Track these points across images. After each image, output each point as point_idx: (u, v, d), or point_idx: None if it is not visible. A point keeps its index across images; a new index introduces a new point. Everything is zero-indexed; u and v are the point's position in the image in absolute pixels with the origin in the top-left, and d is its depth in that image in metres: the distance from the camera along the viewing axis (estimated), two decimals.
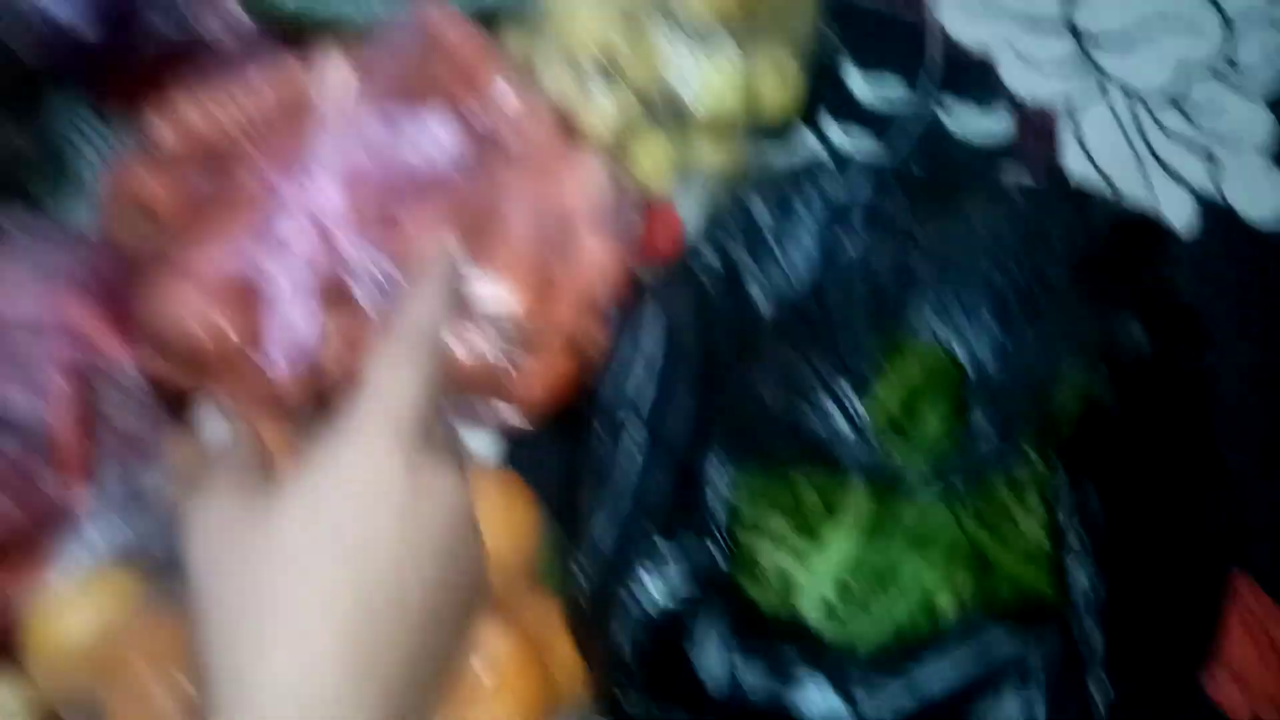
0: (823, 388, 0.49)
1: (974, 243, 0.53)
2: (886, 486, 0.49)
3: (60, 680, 0.59)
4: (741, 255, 0.57)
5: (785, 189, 0.57)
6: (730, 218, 0.57)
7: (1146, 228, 0.53)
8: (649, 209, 0.79)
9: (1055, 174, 0.58)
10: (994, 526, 0.57)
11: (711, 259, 0.57)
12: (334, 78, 0.63)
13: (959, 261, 0.53)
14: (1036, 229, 0.52)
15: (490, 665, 0.56)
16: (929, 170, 0.59)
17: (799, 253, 0.57)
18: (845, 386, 0.49)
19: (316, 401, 0.68)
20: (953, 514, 0.56)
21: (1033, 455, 0.48)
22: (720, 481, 0.52)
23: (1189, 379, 0.49)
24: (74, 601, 0.59)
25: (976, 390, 0.50)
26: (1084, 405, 0.49)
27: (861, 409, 0.49)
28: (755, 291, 0.57)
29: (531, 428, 0.71)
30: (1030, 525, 0.57)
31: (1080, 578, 0.51)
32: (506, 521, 0.63)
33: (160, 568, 0.61)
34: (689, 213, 0.80)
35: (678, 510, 0.53)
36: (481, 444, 0.71)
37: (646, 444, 0.55)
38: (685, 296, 0.56)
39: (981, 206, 0.53)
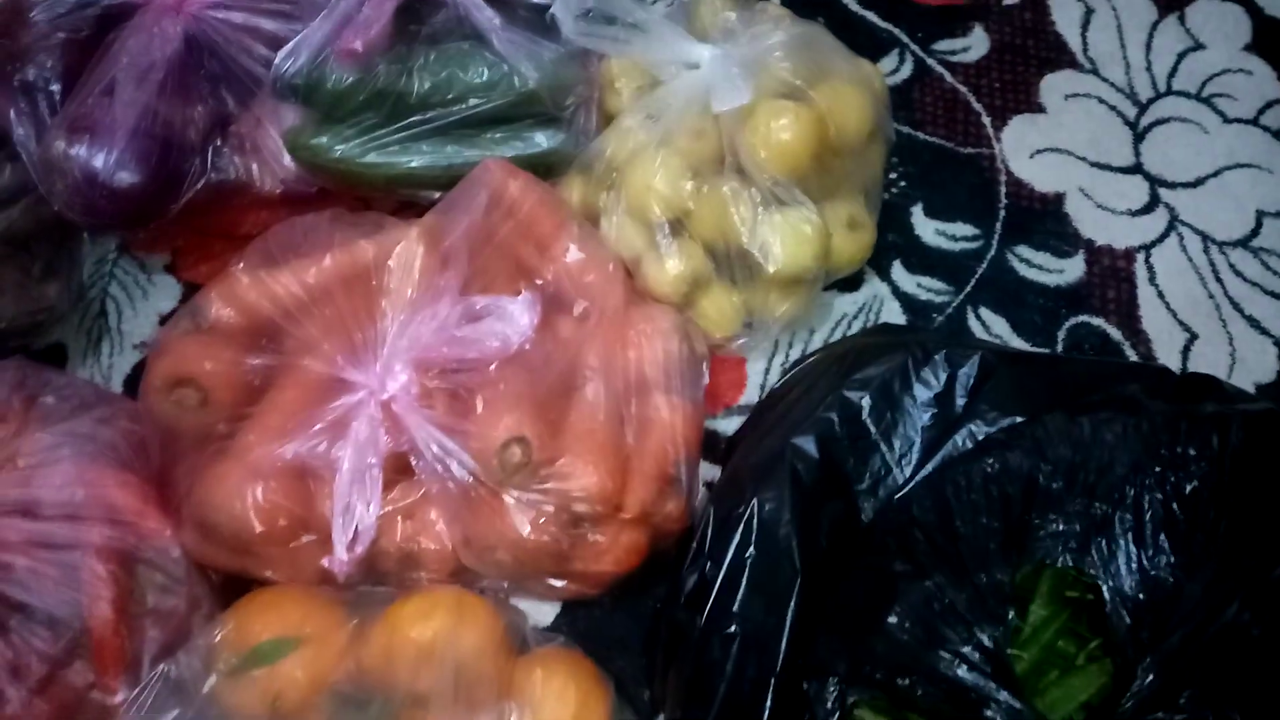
0: (966, 633, 0.45)
1: (1106, 458, 0.49)
2: None
3: None
4: (842, 449, 0.54)
5: (887, 379, 0.54)
6: (831, 409, 0.54)
7: (1276, 422, 0.50)
8: (715, 359, 0.76)
9: (1177, 378, 0.55)
10: None
11: (810, 451, 0.53)
12: (404, 255, 0.60)
13: (1091, 478, 0.49)
14: (1172, 448, 0.49)
15: None
16: (1045, 364, 0.56)
17: (904, 448, 0.53)
18: (989, 632, 0.45)
19: (370, 576, 0.64)
20: None
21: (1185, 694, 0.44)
22: (829, 703, 0.48)
23: None
24: None
25: (1124, 625, 0.46)
26: (1229, 631, 0.45)
27: (1007, 658, 0.45)
28: (858, 487, 0.53)
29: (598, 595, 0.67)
30: None
31: None
32: (576, 709, 0.58)
33: None
34: (757, 363, 0.77)
35: None
36: (546, 612, 0.67)
37: (742, 651, 0.50)
38: (781, 492, 0.52)
39: (1111, 419, 0.49)
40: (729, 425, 0.74)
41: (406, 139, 0.75)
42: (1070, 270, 0.80)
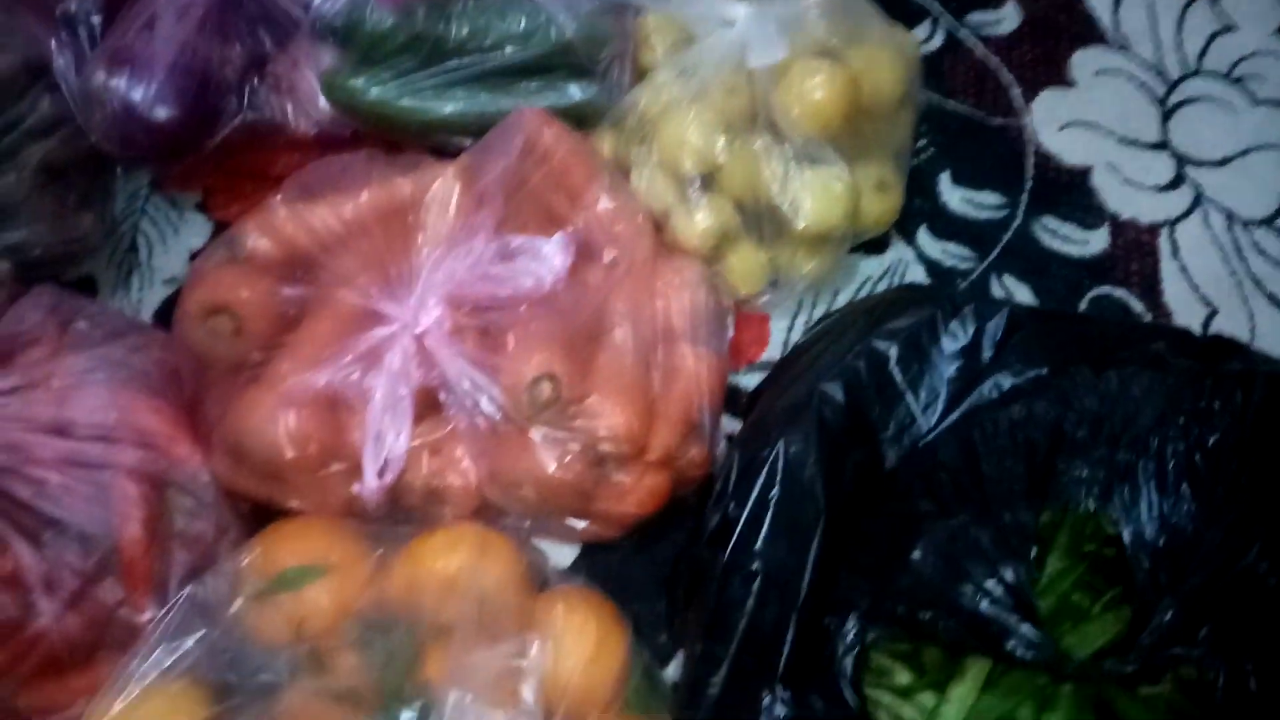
0: (989, 569, 0.46)
1: (1131, 410, 0.50)
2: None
3: None
4: (869, 397, 0.54)
5: (915, 330, 0.55)
6: (859, 358, 0.54)
7: None
8: (739, 316, 0.77)
9: (1202, 339, 0.56)
10: (1125, 684, 0.54)
11: (837, 396, 0.54)
12: (441, 191, 0.61)
13: (1116, 428, 0.50)
14: (1196, 403, 0.50)
15: None
16: (1068, 321, 0.57)
17: (930, 398, 0.54)
18: (1013, 568, 0.46)
19: (395, 510, 0.65)
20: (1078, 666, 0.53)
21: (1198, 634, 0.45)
22: (850, 637, 0.49)
23: None
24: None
25: (1143, 569, 0.47)
26: (1246, 581, 0.46)
27: (1029, 594, 0.46)
28: (883, 435, 0.54)
29: (618, 537, 0.68)
30: (1163, 689, 0.54)
31: None
32: (597, 644, 0.59)
33: (225, 685, 0.57)
34: (780, 321, 0.78)
35: (799, 661, 0.50)
36: (565, 555, 0.68)
37: (764, 588, 0.51)
38: (808, 435, 0.53)
39: (1137, 373, 0.50)
40: (750, 381, 0.74)
41: (442, 84, 0.76)
42: (1095, 242, 0.80)
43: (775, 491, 0.53)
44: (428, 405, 0.63)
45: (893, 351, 0.56)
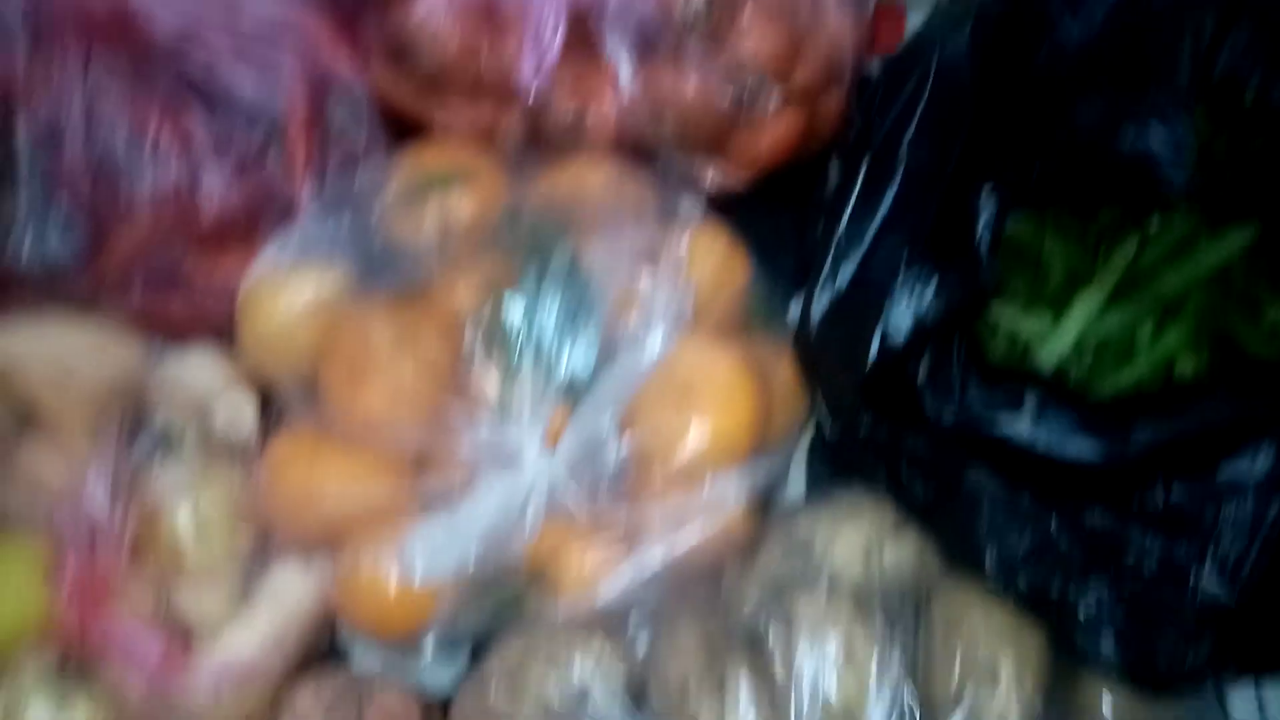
0: (1148, 120, 0.46)
1: None
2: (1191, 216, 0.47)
3: (275, 356, 0.60)
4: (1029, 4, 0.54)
5: None
6: None
7: None
8: (877, 9, 0.77)
9: None
10: (1244, 300, 0.55)
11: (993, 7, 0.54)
12: None
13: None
14: None
15: (708, 378, 0.55)
16: None
17: (1095, 7, 0.54)
18: (1174, 122, 0.46)
19: (535, 140, 0.67)
20: (1203, 285, 0.55)
21: None
22: (988, 214, 0.50)
23: None
24: (290, 284, 0.59)
25: None
26: None
27: (1189, 144, 0.46)
28: (1036, 44, 0.54)
29: (744, 190, 0.69)
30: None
31: None
32: (718, 259, 0.61)
33: (371, 262, 0.61)
34: (916, 17, 0.77)
35: (935, 241, 0.51)
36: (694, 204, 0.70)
37: (908, 177, 0.52)
38: (962, 38, 0.54)
39: None
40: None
41: None
42: None
43: (926, 93, 0.54)
44: (578, 36, 0.65)
45: None
